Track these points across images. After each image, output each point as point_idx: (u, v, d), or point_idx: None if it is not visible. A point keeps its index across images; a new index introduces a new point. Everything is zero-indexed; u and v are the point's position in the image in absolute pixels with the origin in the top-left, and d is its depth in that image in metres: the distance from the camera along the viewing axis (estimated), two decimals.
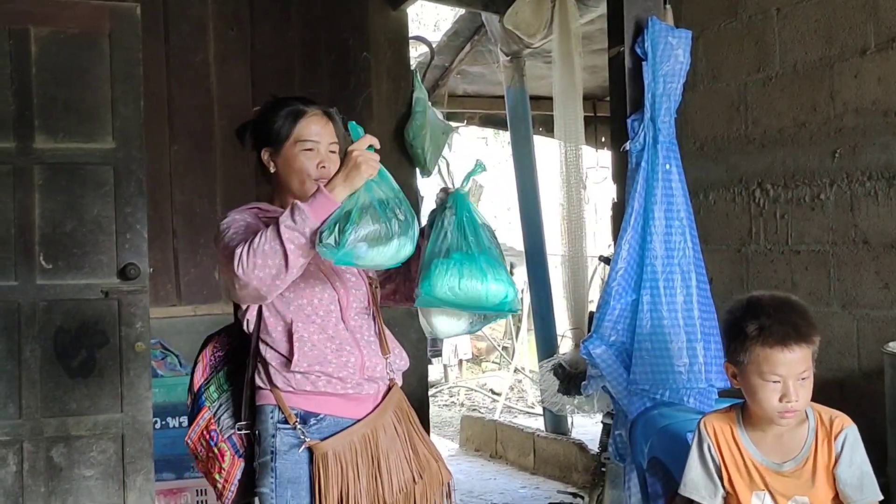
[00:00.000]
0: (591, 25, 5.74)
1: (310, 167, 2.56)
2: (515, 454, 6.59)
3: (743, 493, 2.31)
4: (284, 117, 2.58)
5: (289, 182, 2.58)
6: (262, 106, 2.66)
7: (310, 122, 2.59)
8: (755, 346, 2.23)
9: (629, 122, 3.11)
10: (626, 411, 3.01)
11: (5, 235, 3.94)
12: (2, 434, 3.92)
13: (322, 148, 2.58)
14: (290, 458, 2.46)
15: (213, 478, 2.62)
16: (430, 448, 2.65)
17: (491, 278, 2.46)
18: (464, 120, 8.50)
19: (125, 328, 4.05)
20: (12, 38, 3.96)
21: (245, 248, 2.34)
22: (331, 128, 2.62)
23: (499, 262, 2.51)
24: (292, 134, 2.57)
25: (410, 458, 2.58)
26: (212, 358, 2.68)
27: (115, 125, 4.07)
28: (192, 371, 2.71)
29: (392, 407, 2.59)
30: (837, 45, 3.65)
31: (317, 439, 2.46)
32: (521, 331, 9.84)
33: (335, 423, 2.50)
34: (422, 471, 2.58)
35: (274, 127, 2.58)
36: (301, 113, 2.59)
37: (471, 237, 2.50)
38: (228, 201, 5.20)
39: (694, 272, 3.04)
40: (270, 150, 2.59)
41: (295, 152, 2.57)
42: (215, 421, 2.60)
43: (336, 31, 5.51)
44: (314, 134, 2.58)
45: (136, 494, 4.05)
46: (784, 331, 2.21)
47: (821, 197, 3.72)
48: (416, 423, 2.64)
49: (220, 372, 2.66)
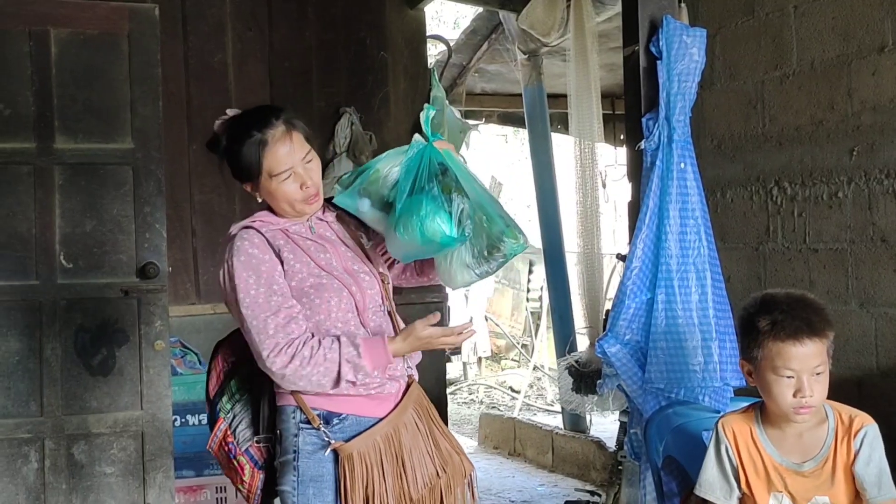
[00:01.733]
0: (609, 23, 5.72)
1: (293, 193, 2.50)
2: (534, 452, 6.59)
3: (760, 494, 2.30)
4: (249, 152, 2.48)
5: (280, 208, 2.54)
6: (221, 125, 2.57)
7: (275, 150, 2.47)
8: (768, 341, 2.23)
9: (644, 120, 3.11)
10: (641, 410, 3.01)
11: (26, 235, 3.98)
12: (24, 431, 3.96)
13: (298, 168, 2.49)
14: (313, 458, 2.47)
15: (237, 486, 2.65)
16: (451, 441, 2.65)
17: (426, 216, 2.42)
18: (482, 118, 8.50)
19: (145, 327, 4.08)
20: (32, 39, 4.00)
21: (291, 358, 2.40)
22: (298, 139, 2.51)
23: (438, 200, 2.44)
24: (263, 169, 2.48)
25: (433, 452, 2.58)
26: (224, 364, 2.68)
27: (135, 125, 4.10)
28: (206, 378, 2.71)
29: (412, 403, 2.60)
30: (855, 42, 3.63)
31: (340, 439, 2.47)
32: (541, 328, 9.83)
33: (357, 422, 2.50)
34: (444, 464, 2.59)
35: (243, 164, 2.50)
36: (263, 143, 2.47)
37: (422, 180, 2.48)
38: (247, 201, 5.19)
39: (709, 271, 3.03)
40: (250, 184, 2.54)
41: (274, 186, 2.49)
42: (231, 433, 2.61)
43: (353, 31, 5.52)
44: (284, 161, 2.48)
45: (157, 491, 4.09)
46: (796, 325, 2.21)
47: (838, 195, 3.71)
48: (436, 418, 2.65)
49: (231, 380, 2.66)
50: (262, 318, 2.42)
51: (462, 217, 2.44)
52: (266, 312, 2.42)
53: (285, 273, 2.47)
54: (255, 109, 2.58)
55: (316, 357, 2.40)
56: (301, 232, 2.55)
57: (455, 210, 2.43)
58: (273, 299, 2.43)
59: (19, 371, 3.96)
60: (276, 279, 2.45)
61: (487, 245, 2.48)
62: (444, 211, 2.42)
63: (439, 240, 2.43)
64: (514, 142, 15.52)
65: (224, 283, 2.49)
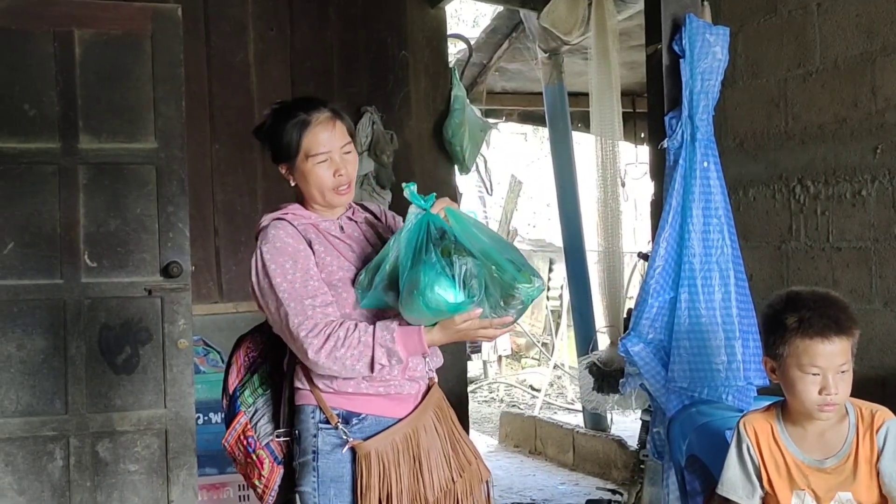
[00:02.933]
0: (630, 21, 5.71)
1: (326, 179, 2.52)
2: (555, 450, 6.59)
3: (783, 492, 2.29)
4: (290, 131, 2.51)
5: (310, 194, 2.56)
6: (268, 112, 2.60)
7: (317, 133, 2.51)
8: (795, 338, 2.22)
9: (667, 119, 3.10)
10: (664, 409, 3.01)
11: (51, 234, 4.01)
12: (49, 429, 3.99)
13: (335, 155, 2.52)
14: (332, 458, 2.47)
15: (252, 482, 2.64)
16: (469, 446, 2.65)
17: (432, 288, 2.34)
18: (502, 117, 8.49)
19: (168, 325, 4.11)
20: (57, 40, 4.03)
21: (327, 338, 2.38)
22: (340, 128, 2.56)
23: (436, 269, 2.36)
24: (301, 148, 2.51)
25: (450, 456, 2.58)
26: (245, 359, 2.68)
27: (158, 125, 4.13)
28: (225, 373, 2.71)
29: (432, 406, 2.59)
30: (879, 39, 3.61)
31: (359, 439, 2.47)
32: (561, 327, 9.82)
33: (377, 422, 2.50)
34: (461, 469, 2.58)
35: (283, 142, 2.53)
36: (306, 124, 2.51)
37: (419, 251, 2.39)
38: (269, 199, 5.25)
39: (732, 270, 3.02)
40: (286, 165, 2.56)
41: (308, 167, 2.52)
42: (252, 427, 2.61)
43: (374, 30, 5.54)
44: (323, 144, 2.51)
45: (180, 489, 4.11)
46: (824, 322, 2.20)
47: (862, 193, 3.69)
48: (455, 422, 2.65)
49: (254, 374, 2.66)
50: (300, 300, 2.42)
51: (466, 278, 2.33)
52: (303, 296, 2.42)
53: (316, 265, 2.49)
54: (303, 97, 2.63)
55: (351, 339, 2.39)
56: (331, 229, 2.56)
57: (458, 273, 2.33)
58: (310, 283, 2.44)
59: (44, 369, 3.99)
60: (312, 267, 2.47)
61: (502, 295, 2.38)
62: (445, 277, 2.33)
63: (446, 308, 2.35)
64: (533, 140, 15.52)
65: (256, 271, 2.49)
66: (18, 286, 3.98)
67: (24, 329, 3.99)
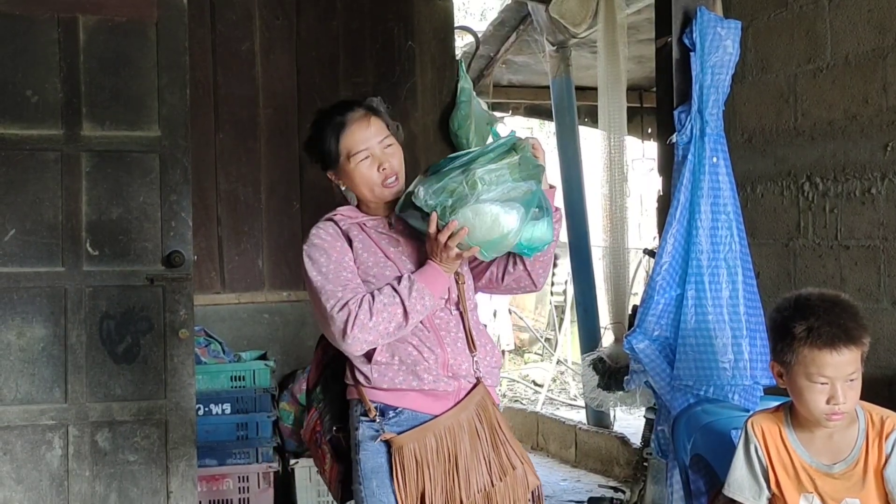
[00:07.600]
0: (638, 15, 5.68)
1: (372, 176, 2.56)
2: (557, 446, 6.57)
3: (791, 495, 2.27)
4: (329, 136, 2.58)
5: (361, 194, 2.60)
6: (310, 125, 2.66)
7: (353, 132, 2.56)
8: (803, 348, 2.18)
9: (676, 113, 3.07)
10: (668, 407, 2.98)
11: (53, 222, 3.99)
12: (48, 418, 3.97)
13: (376, 151, 2.56)
14: (369, 449, 2.50)
15: (322, 474, 2.74)
16: (515, 450, 2.58)
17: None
18: (509, 110, 8.47)
19: (169, 315, 4.08)
20: (61, 26, 4.00)
21: (359, 307, 2.42)
22: (377, 123, 2.60)
23: None
24: (341, 151, 2.56)
25: (491, 458, 2.53)
26: (323, 356, 2.74)
27: (161, 113, 4.10)
28: (309, 369, 2.81)
29: (474, 405, 2.55)
30: (891, 35, 3.57)
31: (394, 432, 2.49)
32: (564, 322, 9.80)
33: (413, 417, 2.51)
34: (503, 473, 2.53)
35: (324, 149, 2.59)
36: (341, 125, 2.57)
37: None
38: (272, 189, 5.23)
39: (740, 267, 2.99)
40: (333, 172, 2.62)
41: (352, 167, 2.56)
42: (320, 422, 2.69)
43: (381, 21, 5.50)
44: (361, 142, 2.56)
45: (179, 480, 4.09)
46: (833, 332, 2.16)
47: (871, 191, 3.65)
48: (501, 424, 2.58)
49: (328, 371, 2.71)
50: (331, 286, 2.48)
51: None
52: (335, 283, 2.48)
53: (354, 260, 2.55)
54: (340, 101, 2.68)
55: (376, 306, 2.42)
56: (377, 227, 2.60)
57: None
58: (343, 274, 2.50)
59: (44, 358, 3.98)
60: (346, 262, 2.53)
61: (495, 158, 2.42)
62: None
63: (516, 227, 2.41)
64: (538, 134, 15.47)
65: (302, 269, 2.57)
66: (19, 273, 3.96)
67: (25, 317, 3.97)
